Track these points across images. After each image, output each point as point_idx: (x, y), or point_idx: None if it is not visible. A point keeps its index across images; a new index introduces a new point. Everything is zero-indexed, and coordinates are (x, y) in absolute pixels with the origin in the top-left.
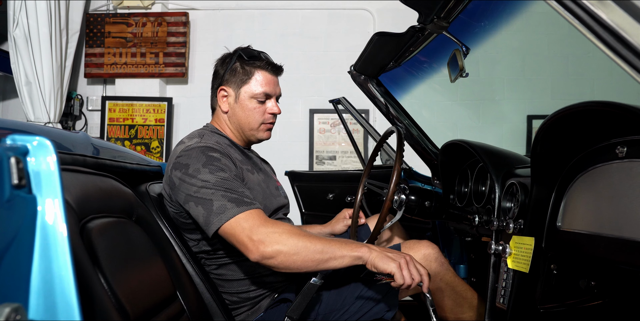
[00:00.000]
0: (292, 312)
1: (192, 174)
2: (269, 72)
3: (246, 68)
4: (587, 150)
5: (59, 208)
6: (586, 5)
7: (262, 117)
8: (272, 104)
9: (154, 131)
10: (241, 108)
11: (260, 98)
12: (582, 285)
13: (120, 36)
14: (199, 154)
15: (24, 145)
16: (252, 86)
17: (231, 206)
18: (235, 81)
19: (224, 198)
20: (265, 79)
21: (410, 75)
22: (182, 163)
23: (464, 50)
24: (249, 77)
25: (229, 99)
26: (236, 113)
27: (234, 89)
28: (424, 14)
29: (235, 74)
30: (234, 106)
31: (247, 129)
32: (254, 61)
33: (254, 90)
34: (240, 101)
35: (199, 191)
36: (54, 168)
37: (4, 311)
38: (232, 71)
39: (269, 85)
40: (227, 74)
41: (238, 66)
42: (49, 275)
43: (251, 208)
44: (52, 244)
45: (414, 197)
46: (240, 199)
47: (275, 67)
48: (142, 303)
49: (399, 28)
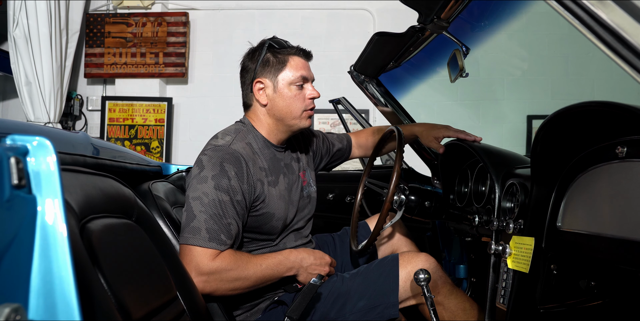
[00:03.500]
0: (292, 312)
1: (200, 179)
2: (302, 57)
3: (279, 56)
4: (587, 150)
5: (59, 208)
6: (586, 5)
7: (303, 104)
8: (311, 88)
9: (154, 131)
10: (281, 97)
11: (298, 82)
12: (582, 285)
13: (120, 36)
14: (217, 162)
15: (24, 145)
16: (289, 72)
17: (204, 234)
18: (270, 71)
19: (205, 222)
20: (300, 63)
21: (410, 75)
22: (202, 162)
23: (464, 51)
24: (283, 65)
25: (267, 91)
26: (277, 104)
27: (270, 79)
28: (424, 14)
29: (269, 64)
30: (273, 96)
31: (289, 118)
32: (285, 48)
33: (291, 76)
34: (279, 89)
35: (195, 200)
36: (54, 168)
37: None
38: (265, 62)
39: (304, 69)
40: (259, 66)
41: (270, 56)
42: (49, 275)
43: (219, 249)
44: (52, 244)
45: (414, 197)
46: (217, 234)
47: (306, 52)
48: (143, 303)
49: (399, 28)
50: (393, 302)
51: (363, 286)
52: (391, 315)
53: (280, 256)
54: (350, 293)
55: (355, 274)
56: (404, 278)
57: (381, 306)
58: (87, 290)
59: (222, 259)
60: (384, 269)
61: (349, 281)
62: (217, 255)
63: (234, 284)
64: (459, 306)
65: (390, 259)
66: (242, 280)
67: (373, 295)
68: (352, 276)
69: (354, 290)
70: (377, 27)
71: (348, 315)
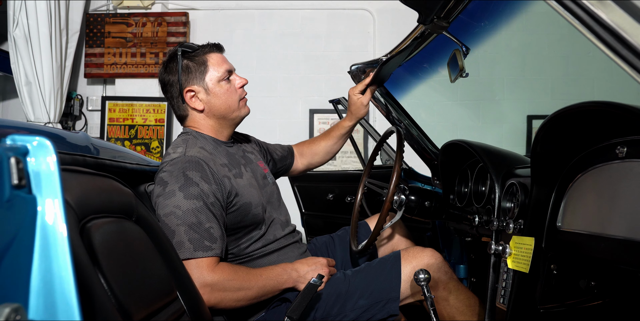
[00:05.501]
0: (292, 312)
1: (167, 195)
2: (216, 51)
3: (196, 59)
4: (587, 150)
5: (59, 208)
6: (586, 5)
7: (237, 95)
8: (237, 78)
9: (154, 131)
10: (216, 97)
11: (225, 77)
12: (582, 285)
13: (120, 36)
14: (179, 173)
15: (24, 145)
16: (212, 71)
17: (188, 246)
18: (195, 76)
19: (185, 234)
20: (219, 58)
21: (410, 75)
22: (164, 179)
23: (464, 51)
24: (205, 66)
25: (200, 95)
26: (214, 104)
27: (198, 84)
28: (424, 14)
29: (191, 70)
30: (208, 98)
31: (229, 112)
32: (197, 49)
33: (216, 73)
34: (211, 90)
35: (168, 216)
36: (54, 168)
37: (4, 312)
38: (186, 69)
39: (224, 62)
40: (182, 75)
41: (188, 62)
42: (49, 275)
43: (207, 255)
44: (52, 244)
45: (414, 197)
46: (200, 241)
47: (218, 46)
48: (143, 303)
49: (399, 28)
50: (394, 297)
51: (364, 284)
52: (391, 311)
53: (278, 268)
54: (351, 291)
55: (357, 271)
56: (409, 273)
57: (382, 302)
58: (87, 290)
59: (221, 270)
60: (386, 266)
61: (351, 278)
62: (213, 265)
63: (238, 294)
64: (464, 303)
65: (393, 256)
66: (245, 290)
67: (374, 292)
68: (354, 273)
69: (356, 287)
70: (377, 27)
71: (349, 312)
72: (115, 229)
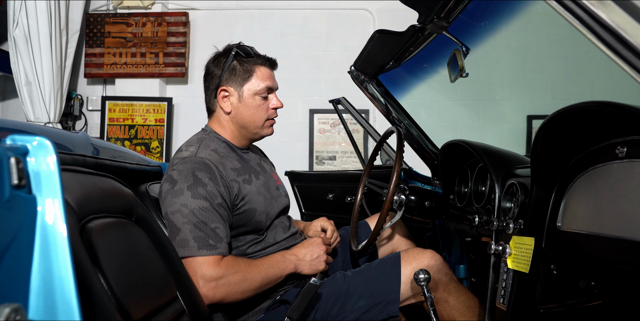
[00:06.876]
0: (292, 312)
1: (175, 193)
2: (268, 67)
3: (245, 65)
4: (587, 150)
5: (59, 208)
6: (586, 5)
7: (266, 114)
8: (275, 98)
9: (154, 131)
10: (245, 107)
11: (263, 94)
12: (582, 285)
13: (120, 36)
14: (189, 173)
15: (24, 145)
16: (254, 82)
17: (193, 244)
18: (236, 80)
19: (190, 232)
20: (266, 74)
21: (410, 75)
22: (173, 177)
23: (464, 51)
24: (250, 75)
25: (232, 99)
26: (241, 113)
27: (235, 88)
28: (424, 14)
29: (236, 73)
30: (238, 105)
31: (252, 127)
32: (252, 57)
33: (256, 86)
34: (244, 99)
35: (174, 214)
36: (53, 168)
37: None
38: (231, 70)
39: (270, 79)
40: (225, 73)
41: (237, 64)
42: (49, 275)
43: (211, 253)
44: (52, 244)
45: (414, 197)
46: (205, 240)
47: (272, 62)
48: (143, 304)
49: (399, 28)
50: (394, 299)
51: (364, 285)
52: (391, 312)
53: (277, 255)
54: (351, 292)
55: (357, 272)
56: (408, 274)
57: (382, 303)
58: (87, 290)
59: (224, 264)
60: (386, 268)
61: (351, 279)
62: (216, 261)
63: (242, 286)
64: (464, 304)
65: (392, 257)
66: (250, 281)
67: (374, 293)
68: (354, 274)
69: (356, 288)
70: (377, 27)
71: (349, 313)
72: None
